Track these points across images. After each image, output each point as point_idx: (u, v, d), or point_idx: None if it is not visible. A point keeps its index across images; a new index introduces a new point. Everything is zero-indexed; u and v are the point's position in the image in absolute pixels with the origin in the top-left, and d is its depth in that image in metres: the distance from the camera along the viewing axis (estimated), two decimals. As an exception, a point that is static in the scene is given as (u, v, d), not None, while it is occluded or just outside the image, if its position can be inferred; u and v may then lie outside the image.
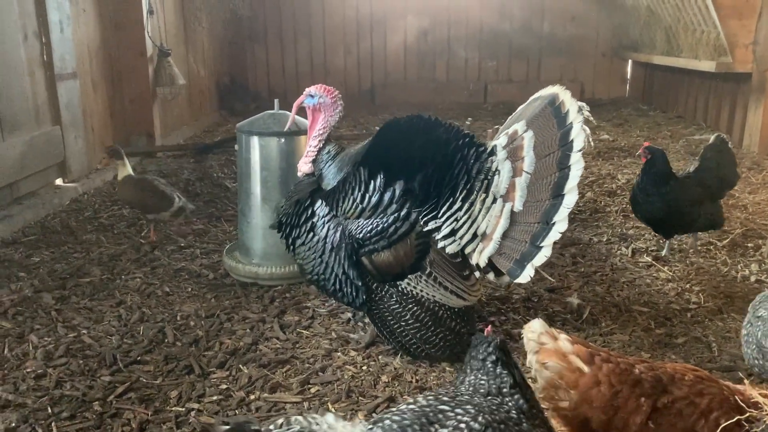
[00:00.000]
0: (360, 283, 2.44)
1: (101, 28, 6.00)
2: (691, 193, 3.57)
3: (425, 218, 2.34)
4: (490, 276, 2.38)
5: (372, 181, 2.39)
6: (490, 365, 1.58)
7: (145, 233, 4.24)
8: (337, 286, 2.50)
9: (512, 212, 2.28)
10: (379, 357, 2.72)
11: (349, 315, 3.08)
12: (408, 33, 9.81)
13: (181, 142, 7.25)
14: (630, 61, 10.04)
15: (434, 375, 2.58)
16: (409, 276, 2.40)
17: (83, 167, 5.43)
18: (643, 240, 4.10)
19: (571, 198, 2.19)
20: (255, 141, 3.42)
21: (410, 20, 9.78)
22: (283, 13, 9.74)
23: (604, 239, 4.14)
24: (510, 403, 1.52)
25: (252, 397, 2.43)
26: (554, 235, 2.21)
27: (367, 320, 2.77)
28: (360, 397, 2.42)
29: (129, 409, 2.35)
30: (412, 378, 2.55)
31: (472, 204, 2.29)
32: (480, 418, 1.44)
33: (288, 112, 3.54)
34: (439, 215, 2.32)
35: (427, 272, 2.36)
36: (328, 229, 2.46)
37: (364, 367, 2.64)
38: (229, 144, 6.92)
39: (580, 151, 2.18)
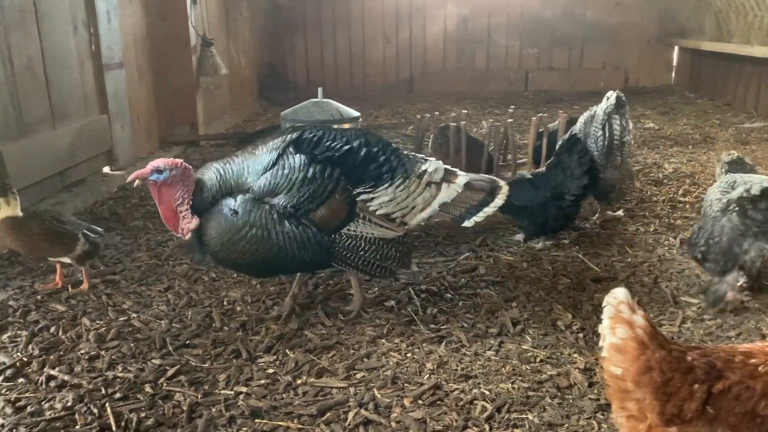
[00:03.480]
0: (315, 239, 2.65)
1: (146, 19, 6.11)
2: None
3: (360, 193, 2.69)
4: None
5: (299, 160, 2.64)
6: None
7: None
8: (299, 254, 2.67)
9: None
10: (423, 345, 2.72)
11: (393, 303, 3.09)
12: (447, 22, 9.73)
13: (222, 132, 7.34)
14: (676, 48, 9.78)
15: (479, 363, 2.57)
16: (348, 225, 2.69)
17: (129, 155, 5.55)
18: (691, 230, 3.99)
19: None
20: (299, 129, 3.44)
21: (450, 9, 9.69)
22: (322, 3, 9.76)
23: (651, 229, 4.05)
24: None
25: (299, 381, 2.45)
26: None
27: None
28: (406, 384, 2.42)
29: (179, 391, 2.40)
30: (457, 366, 2.54)
31: (405, 188, 2.73)
32: None
33: (332, 101, 3.58)
34: (375, 192, 2.70)
35: (361, 217, 2.70)
36: (261, 213, 2.62)
37: (409, 354, 2.65)
38: (270, 133, 6.97)
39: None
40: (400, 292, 3.20)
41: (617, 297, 1.79)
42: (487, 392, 2.37)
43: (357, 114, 3.56)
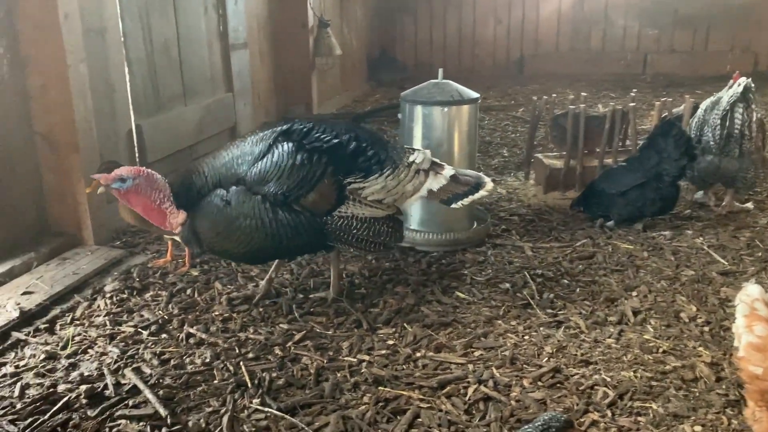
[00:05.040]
0: (307, 224, 2.69)
1: (268, 1, 6.34)
2: None
3: (351, 182, 2.75)
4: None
5: (288, 148, 2.70)
6: None
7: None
8: (293, 239, 2.70)
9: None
10: (541, 328, 2.72)
11: (508, 285, 3.10)
12: (562, 1, 9.42)
13: (333, 112, 7.53)
14: (816, 29, 8.97)
15: (599, 350, 2.55)
16: (339, 208, 2.73)
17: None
18: (833, 226, 3.72)
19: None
20: (418, 110, 3.49)
21: (565, -13, 9.39)
22: (434, -17, 9.72)
23: (785, 223, 3.81)
24: None
25: (418, 354, 2.53)
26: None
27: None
28: (524, 365, 2.45)
29: (306, 355, 2.55)
30: (576, 351, 2.53)
31: (395, 177, 2.81)
32: None
33: (452, 82, 3.59)
34: (366, 182, 2.77)
35: (351, 199, 2.74)
36: (253, 204, 2.66)
37: (526, 337, 2.66)
38: (379, 114, 7.09)
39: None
40: (515, 276, 3.20)
41: (751, 294, 1.75)
42: (608, 379, 2.35)
43: (476, 95, 3.55)
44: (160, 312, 2.88)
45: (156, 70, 4.44)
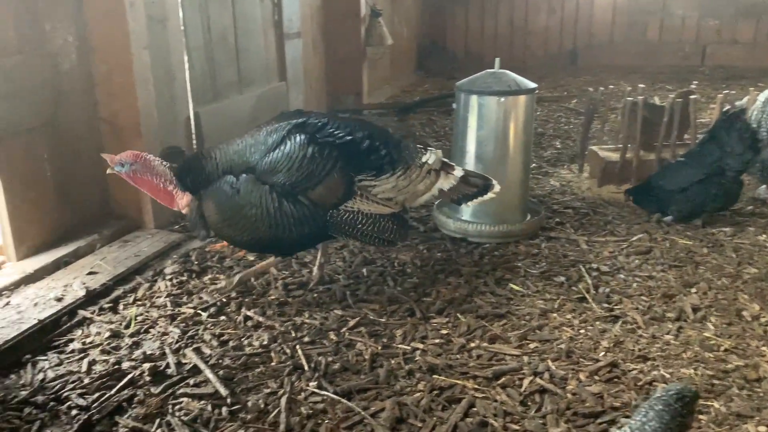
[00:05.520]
0: (312, 217, 2.70)
1: (321, -9, 6.39)
2: None
3: (362, 179, 2.75)
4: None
5: (300, 140, 2.69)
6: None
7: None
8: (297, 230, 2.70)
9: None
10: (596, 323, 2.69)
11: (562, 278, 3.07)
12: (618, -9, 9.20)
13: (382, 102, 7.54)
14: None
15: (657, 346, 2.50)
16: (345, 202, 2.73)
17: (302, 121, 5.88)
18: None
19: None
20: (473, 100, 3.47)
21: (622, -23, 9.16)
22: (486, -27, 9.61)
23: None
24: None
25: (472, 345, 2.53)
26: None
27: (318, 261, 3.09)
28: (581, 359, 2.42)
29: (360, 341, 2.57)
30: (633, 346, 2.50)
31: (407, 177, 2.80)
32: None
33: (509, 72, 3.56)
34: (377, 180, 2.76)
35: (358, 195, 2.73)
36: (261, 193, 2.67)
37: (582, 331, 2.63)
38: (427, 105, 7.07)
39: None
40: (570, 269, 3.17)
41: None
42: (667, 375, 2.30)
43: (534, 85, 3.50)
44: (217, 295, 2.95)
45: (213, 58, 4.53)
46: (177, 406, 2.20)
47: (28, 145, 3.13)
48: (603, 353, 2.46)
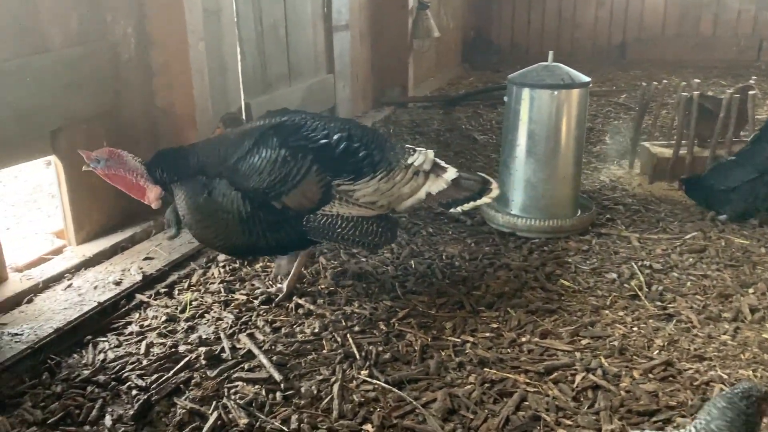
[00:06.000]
0: (287, 222, 2.60)
1: (370, -18, 6.40)
2: None
3: (340, 183, 2.61)
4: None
5: (272, 144, 2.58)
6: None
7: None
8: (271, 236, 2.61)
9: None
10: (650, 321, 2.65)
11: (614, 275, 3.03)
12: (671, -17, 8.97)
13: (427, 94, 7.52)
14: None
15: (713, 346, 2.45)
16: (322, 207, 2.60)
17: (348, 113, 5.92)
18: None
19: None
20: (526, 93, 3.44)
21: (675, -32, 8.92)
22: (533, -36, 9.49)
23: None
24: None
25: (523, 339, 2.53)
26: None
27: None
28: (634, 356, 2.39)
29: (410, 332, 2.59)
30: (689, 346, 2.45)
31: (390, 179, 2.65)
32: None
33: (562, 65, 3.52)
34: (356, 184, 2.61)
35: (337, 198, 2.60)
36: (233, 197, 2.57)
37: (635, 329, 2.60)
38: (475, 97, 7.02)
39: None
40: (621, 266, 3.12)
41: None
42: (724, 376, 2.26)
43: (587, 79, 3.45)
44: (269, 282, 3.00)
45: (264, 50, 4.59)
46: (232, 390, 2.25)
47: (89, 133, 3.23)
48: (657, 351, 2.42)
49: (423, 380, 2.28)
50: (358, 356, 2.42)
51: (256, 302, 2.83)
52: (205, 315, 2.75)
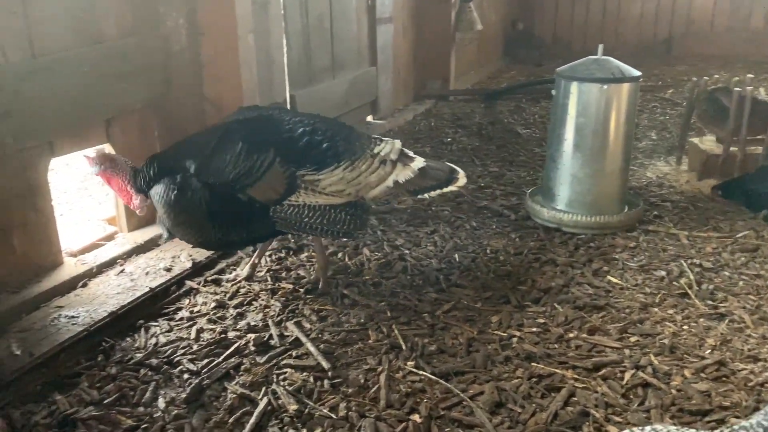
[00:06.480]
0: (254, 214, 2.62)
1: (413, -25, 6.38)
2: None
3: (304, 174, 2.63)
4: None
5: (235, 138, 2.63)
6: None
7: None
8: (240, 228, 2.66)
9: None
10: (700, 320, 2.60)
11: (663, 273, 2.98)
12: (721, -25, 8.74)
13: (468, 87, 7.48)
14: None
15: (768, 348, 2.40)
16: (288, 198, 2.61)
17: (390, 106, 5.93)
18: None
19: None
20: (574, 86, 3.40)
21: (727, -39, 8.69)
22: (578, -43, 9.34)
23: None
24: None
25: (570, 335, 2.51)
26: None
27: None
28: (685, 355, 2.36)
29: (455, 324, 2.59)
30: (742, 346, 2.40)
31: (355, 168, 2.67)
32: None
33: (612, 59, 3.46)
34: (320, 174, 2.64)
35: (303, 188, 2.61)
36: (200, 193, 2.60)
37: (685, 327, 2.55)
38: (517, 91, 6.95)
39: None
40: (670, 264, 3.07)
41: None
42: (780, 378, 2.21)
43: (638, 73, 3.39)
44: (313, 272, 3.04)
45: (309, 42, 4.62)
46: (281, 376, 2.29)
47: (141, 122, 3.30)
48: (709, 351, 2.38)
49: (469, 373, 2.29)
50: (404, 347, 2.43)
51: (302, 291, 2.86)
52: (253, 303, 2.79)
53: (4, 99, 2.53)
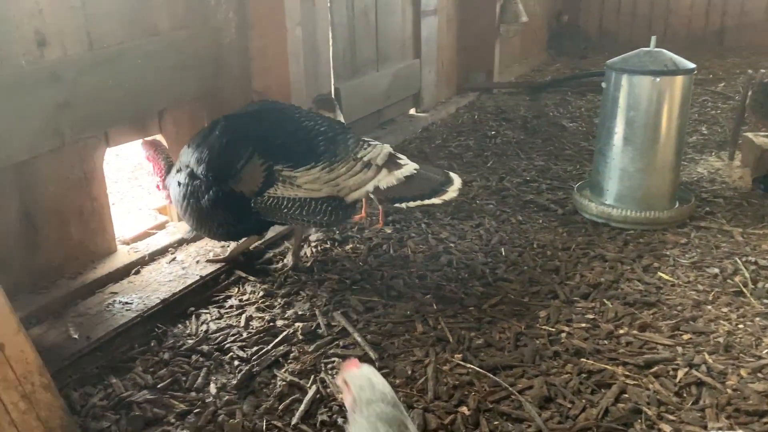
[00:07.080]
0: (237, 205, 2.72)
1: (457, -33, 6.33)
2: None
3: (282, 168, 2.69)
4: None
5: (218, 132, 2.79)
6: None
7: (491, 164, 4.50)
8: (227, 218, 2.77)
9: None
10: (756, 319, 2.53)
11: (716, 270, 2.91)
12: (778, -36, 8.43)
13: (512, 80, 7.39)
14: None
15: (829, 349, 2.32)
16: (267, 190, 2.68)
17: (433, 99, 5.91)
18: None
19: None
20: (625, 79, 3.33)
21: (784, -53, 8.38)
22: (626, -54, 9.12)
23: None
24: None
25: (620, 331, 2.47)
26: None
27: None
28: (741, 354, 2.30)
29: (503, 319, 2.58)
30: (801, 347, 2.33)
31: (333, 170, 2.66)
32: None
33: (665, 51, 3.38)
34: (296, 171, 2.68)
35: (280, 181, 2.67)
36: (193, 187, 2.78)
37: (740, 326, 2.49)
38: (563, 84, 6.85)
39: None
40: (724, 261, 2.99)
41: None
42: (842, 381, 2.14)
43: (692, 66, 3.31)
44: (360, 264, 3.06)
45: (354, 35, 4.63)
46: (329, 365, 2.31)
47: (192, 113, 3.36)
48: (766, 351, 2.31)
49: (518, 367, 2.27)
50: (451, 340, 2.43)
51: (348, 282, 2.88)
52: (300, 292, 2.83)
53: (64, 91, 2.61)
